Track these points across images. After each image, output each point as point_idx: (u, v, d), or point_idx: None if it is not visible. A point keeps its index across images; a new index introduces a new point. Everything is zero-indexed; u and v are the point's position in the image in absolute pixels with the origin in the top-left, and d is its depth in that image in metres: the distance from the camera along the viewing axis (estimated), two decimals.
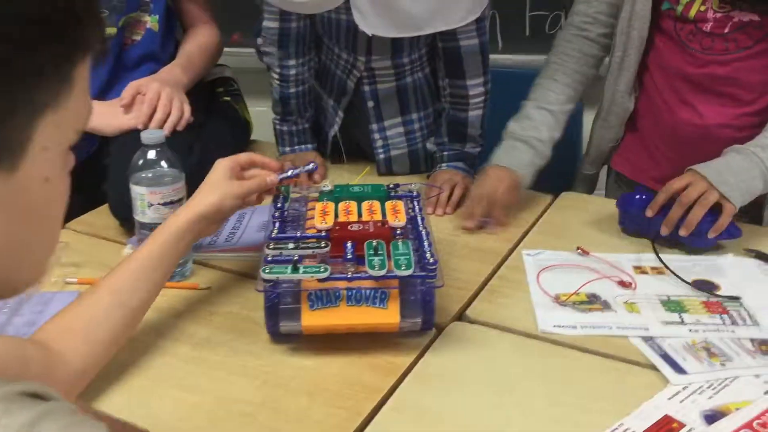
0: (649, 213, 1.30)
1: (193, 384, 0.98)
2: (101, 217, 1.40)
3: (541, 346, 1.06)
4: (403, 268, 0.99)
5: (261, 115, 1.82)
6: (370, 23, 1.38)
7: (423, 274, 1.00)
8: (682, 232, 1.27)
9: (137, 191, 1.17)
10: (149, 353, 1.04)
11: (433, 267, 1.00)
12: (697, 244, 1.29)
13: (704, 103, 1.45)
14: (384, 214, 1.14)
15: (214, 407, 0.94)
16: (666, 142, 1.53)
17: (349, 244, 1.05)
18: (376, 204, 1.16)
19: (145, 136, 1.16)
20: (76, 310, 0.95)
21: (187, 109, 1.45)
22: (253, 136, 1.87)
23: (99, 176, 1.39)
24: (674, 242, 1.30)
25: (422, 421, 0.93)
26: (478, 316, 1.13)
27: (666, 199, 1.29)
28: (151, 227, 1.17)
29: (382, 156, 1.60)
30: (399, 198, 1.19)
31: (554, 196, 1.54)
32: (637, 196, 1.35)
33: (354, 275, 1.00)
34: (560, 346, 1.06)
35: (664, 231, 1.28)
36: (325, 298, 1.01)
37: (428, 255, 1.02)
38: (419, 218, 1.14)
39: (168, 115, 1.41)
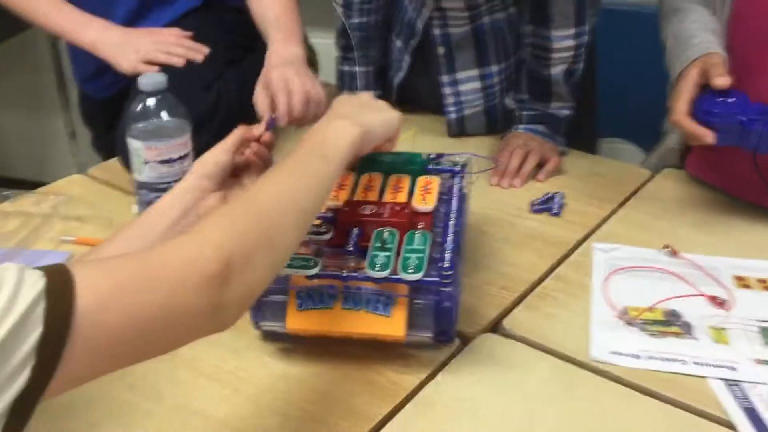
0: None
1: (150, 388, 0.83)
2: None
3: (589, 379, 0.83)
4: (410, 270, 0.78)
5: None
6: None
7: (434, 279, 0.79)
8: None
9: (133, 145, 1.01)
10: None
11: (449, 273, 0.78)
12: None
13: None
14: (411, 194, 0.92)
15: (168, 418, 0.79)
16: None
17: (355, 231, 0.85)
18: (405, 180, 0.95)
19: (143, 81, 1.00)
20: None
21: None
22: (323, 75, 1.68)
23: None
24: None
25: None
26: (517, 329, 0.90)
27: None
28: (149, 187, 1.02)
29: (453, 116, 1.37)
30: (438, 172, 0.97)
31: (653, 172, 1.27)
32: (720, 99, 1.01)
33: (349, 274, 0.80)
34: (614, 382, 0.83)
35: None
36: (316, 298, 0.82)
37: (447, 254, 0.80)
38: (455, 201, 0.91)
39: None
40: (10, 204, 1.14)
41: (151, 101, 1.01)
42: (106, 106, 1.54)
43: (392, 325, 0.81)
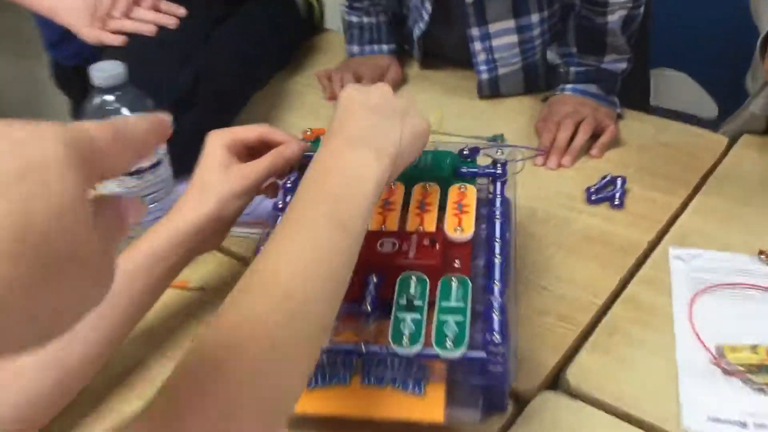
0: None
1: None
2: None
3: None
4: (447, 344, 0.59)
5: None
6: None
7: (481, 356, 0.59)
8: None
9: None
10: (90, 412, 0.71)
11: (500, 349, 0.59)
12: None
13: None
14: (443, 210, 0.72)
15: None
16: None
17: (372, 280, 0.65)
18: (434, 192, 0.74)
19: (96, 75, 0.79)
20: None
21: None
22: (330, 24, 1.44)
23: None
24: None
25: None
26: (584, 383, 0.71)
27: None
28: None
29: (485, 76, 1.13)
30: (473, 175, 0.77)
31: (730, 140, 1.04)
32: None
33: (369, 347, 0.61)
34: None
35: None
36: (328, 372, 0.64)
37: (495, 317, 0.61)
38: (498, 221, 0.71)
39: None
40: None
41: (108, 97, 0.80)
42: (80, 73, 1.32)
43: (427, 406, 0.62)
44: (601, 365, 0.73)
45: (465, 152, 0.79)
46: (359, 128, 0.60)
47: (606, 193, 0.94)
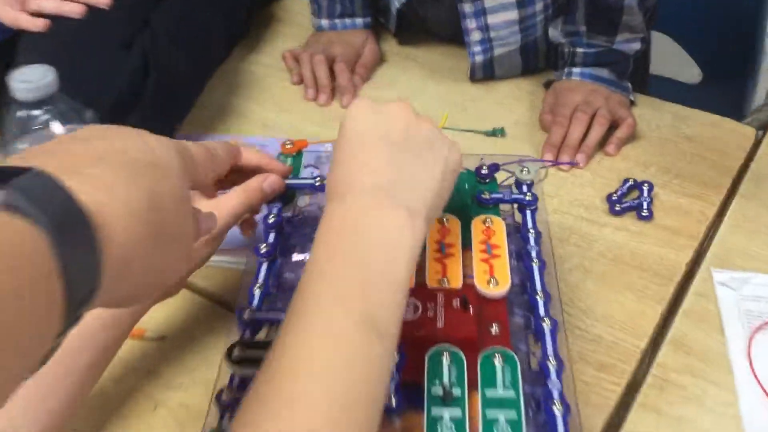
0: None
1: None
2: None
3: None
4: None
5: None
6: None
7: None
8: None
9: None
10: None
11: None
12: None
13: None
14: (468, 244, 0.58)
15: None
16: None
17: (395, 359, 0.51)
18: (454, 227, 0.61)
19: (19, 87, 0.61)
20: None
21: None
22: None
23: None
24: None
25: None
26: None
27: None
28: None
29: (480, 57, 0.98)
30: (496, 202, 0.63)
31: (760, 132, 0.93)
32: None
33: None
34: None
35: None
36: None
37: (558, 414, 0.48)
38: (536, 267, 0.58)
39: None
40: None
41: (35, 112, 0.63)
42: (2, 52, 1.13)
43: None
44: (655, 428, 0.61)
45: (483, 171, 0.65)
46: (384, 176, 0.46)
47: (631, 202, 0.82)
